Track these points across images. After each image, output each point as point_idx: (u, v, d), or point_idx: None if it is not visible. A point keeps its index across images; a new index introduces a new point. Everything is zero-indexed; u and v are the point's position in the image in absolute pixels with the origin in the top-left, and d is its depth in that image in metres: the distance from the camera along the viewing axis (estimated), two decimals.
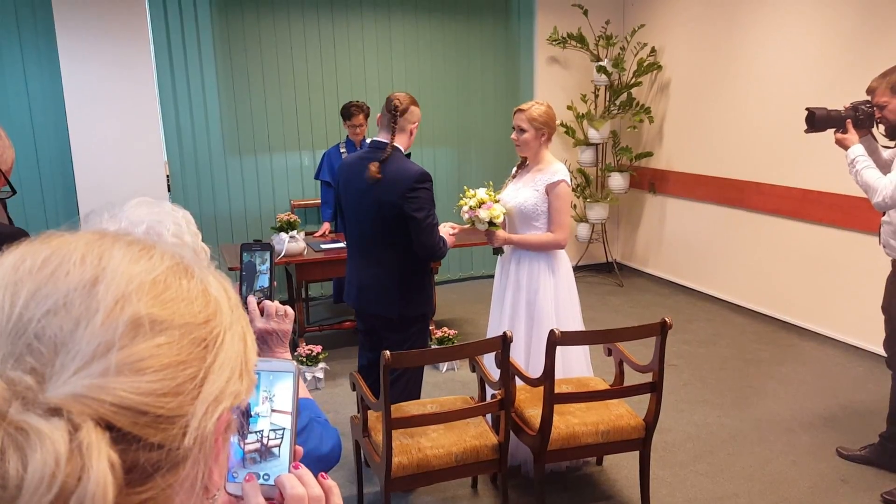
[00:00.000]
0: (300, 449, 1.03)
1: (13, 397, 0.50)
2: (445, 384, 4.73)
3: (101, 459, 0.49)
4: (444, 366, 4.95)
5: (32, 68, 5.59)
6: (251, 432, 1.01)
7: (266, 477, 1.00)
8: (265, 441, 1.02)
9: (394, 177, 3.27)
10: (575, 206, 7.04)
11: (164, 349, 0.55)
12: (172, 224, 1.44)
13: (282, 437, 1.02)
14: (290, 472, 1.00)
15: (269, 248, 1.66)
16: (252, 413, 1.02)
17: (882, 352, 3.77)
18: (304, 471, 0.98)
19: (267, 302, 1.62)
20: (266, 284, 1.65)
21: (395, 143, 3.35)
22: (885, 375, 3.79)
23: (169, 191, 5.96)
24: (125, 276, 0.57)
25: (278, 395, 1.05)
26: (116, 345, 0.53)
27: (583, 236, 7.13)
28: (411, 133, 3.40)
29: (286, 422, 1.03)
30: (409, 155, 3.44)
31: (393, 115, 3.35)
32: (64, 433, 0.49)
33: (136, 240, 0.62)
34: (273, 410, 1.04)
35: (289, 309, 1.63)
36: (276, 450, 1.01)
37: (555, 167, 3.57)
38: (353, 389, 3.28)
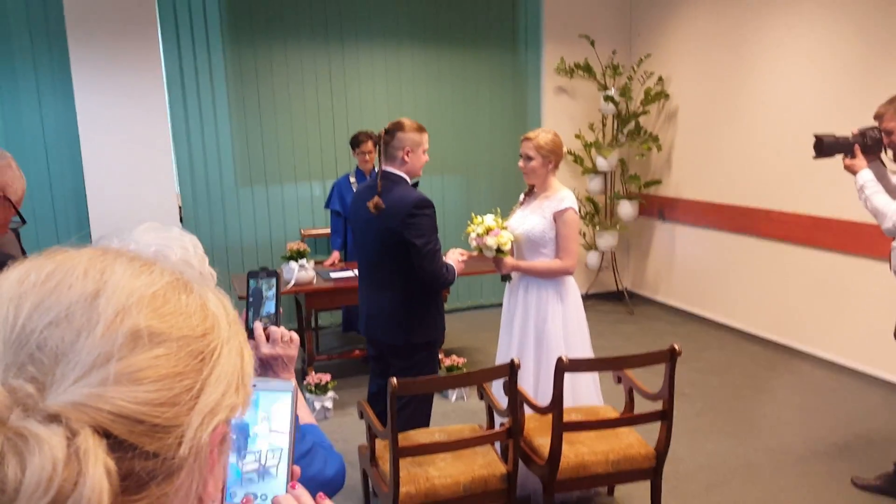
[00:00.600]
0: (297, 469, 1.03)
1: (14, 404, 0.52)
2: (455, 413, 4.71)
3: (98, 465, 0.51)
4: (454, 395, 4.93)
5: (48, 99, 5.65)
6: (249, 452, 1.01)
7: (263, 497, 1.00)
8: (263, 461, 1.02)
9: (394, 204, 3.29)
10: (584, 234, 7.04)
11: (161, 360, 0.57)
12: (180, 248, 1.46)
13: (279, 457, 1.02)
14: (287, 492, 1.00)
15: (275, 274, 1.67)
16: (250, 433, 1.02)
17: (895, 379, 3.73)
18: (302, 491, 0.98)
19: (273, 328, 1.62)
20: (272, 310, 1.66)
21: (397, 171, 3.36)
22: None
23: (181, 221, 5.99)
24: (126, 290, 0.59)
25: (276, 416, 1.05)
26: (115, 355, 0.55)
27: (593, 264, 7.12)
28: (405, 159, 3.38)
29: (284, 442, 1.03)
30: (416, 184, 3.44)
31: (377, 141, 3.39)
32: (62, 439, 0.50)
33: (138, 256, 0.64)
34: (271, 430, 1.04)
35: (294, 335, 1.64)
36: (273, 469, 1.01)
37: (562, 194, 3.58)
38: (361, 417, 3.27)
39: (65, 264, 0.60)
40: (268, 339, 1.62)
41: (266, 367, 1.62)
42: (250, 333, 1.62)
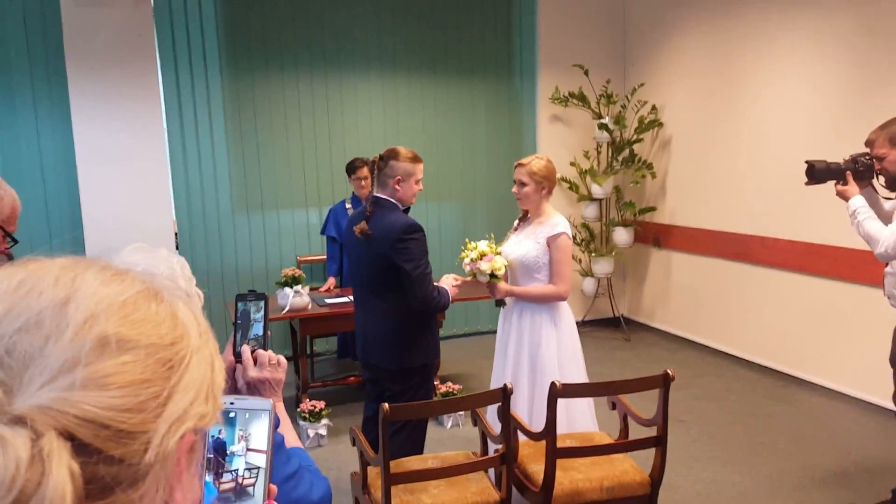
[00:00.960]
0: (274, 488, 1.03)
1: None
2: (450, 440, 4.68)
3: (61, 467, 0.52)
4: (449, 422, 4.90)
5: (45, 128, 5.67)
6: (226, 472, 1.00)
7: None
8: (240, 480, 1.01)
9: (383, 229, 3.31)
10: (580, 260, 7.04)
11: (128, 367, 0.58)
12: (167, 268, 1.47)
13: (256, 477, 1.01)
14: None
15: (263, 297, 1.67)
16: (228, 452, 1.01)
17: (892, 406, 3.71)
18: None
19: (260, 351, 1.62)
20: (260, 333, 1.66)
21: (389, 197, 3.38)
22: None
23: (177, 248, 5.99)
24: (95, 297, 0.60)
25: (254, 435, 1.04)
26: (83, 361, 0.56)
27: (589, 291, 7.11)
28: (396, 187, 3.39)
29: (261, 461, 1.02)
30: (407, 210, 3.45)
31: (372, 167, 3.43)
32: (26, 440, 0.51)
33: (110, 266, 0.65)
34: (248, 449, 1.03)
35: (281, 358, 1.64)
36: (250, 489, 1.00)
37: (555, 220, 3.59)
38: (354, 444, 3.25)
39: (36, 272, 0.61)
40: (255, 362, 1.61)
41: (254, 390, 1.61)
42: (238, 357, 1.62)
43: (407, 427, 3.43)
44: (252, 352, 1.62)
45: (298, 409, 4.66)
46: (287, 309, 4.80)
